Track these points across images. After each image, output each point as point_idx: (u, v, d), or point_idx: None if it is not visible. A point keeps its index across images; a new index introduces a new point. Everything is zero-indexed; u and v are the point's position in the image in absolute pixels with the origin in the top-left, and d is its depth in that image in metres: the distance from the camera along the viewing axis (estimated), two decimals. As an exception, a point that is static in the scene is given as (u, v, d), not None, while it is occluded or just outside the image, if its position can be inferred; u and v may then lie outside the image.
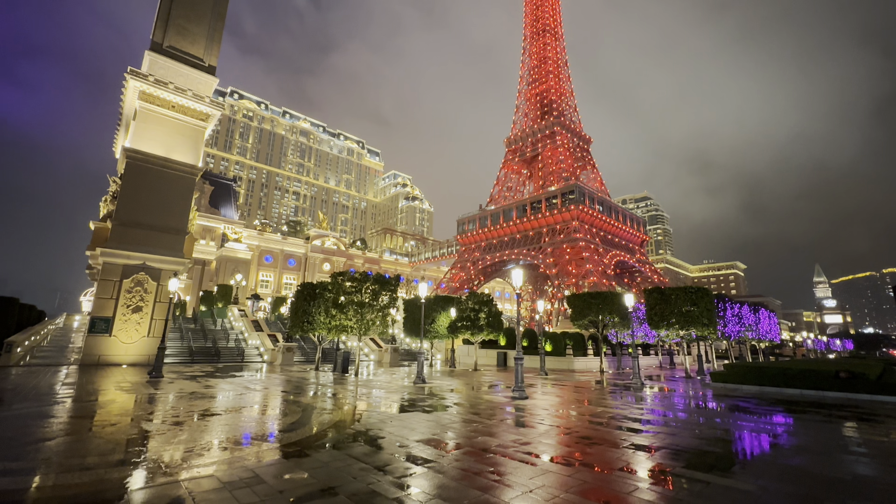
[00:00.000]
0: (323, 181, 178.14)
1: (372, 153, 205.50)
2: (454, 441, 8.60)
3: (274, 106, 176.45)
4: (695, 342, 29.13)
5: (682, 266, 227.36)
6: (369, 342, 36.82)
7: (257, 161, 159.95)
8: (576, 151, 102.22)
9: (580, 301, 28.07)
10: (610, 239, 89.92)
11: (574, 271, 76.50)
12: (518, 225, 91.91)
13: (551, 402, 14.38)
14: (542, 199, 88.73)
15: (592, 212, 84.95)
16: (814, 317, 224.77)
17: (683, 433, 9.96)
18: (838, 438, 9.59)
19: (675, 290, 25.17)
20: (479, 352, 36.50)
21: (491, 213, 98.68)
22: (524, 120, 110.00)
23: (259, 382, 18.52)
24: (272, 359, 30.72)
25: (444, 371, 27.95)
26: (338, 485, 5.77)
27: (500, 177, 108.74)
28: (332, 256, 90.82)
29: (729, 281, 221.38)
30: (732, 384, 19.71)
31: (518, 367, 14.97)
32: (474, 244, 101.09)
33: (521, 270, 15.35)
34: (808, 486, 6.16)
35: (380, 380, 21.15)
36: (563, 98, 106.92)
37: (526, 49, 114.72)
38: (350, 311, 20.76)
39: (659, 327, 25.33)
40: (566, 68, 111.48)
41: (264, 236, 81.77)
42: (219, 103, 31.88)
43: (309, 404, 13.00)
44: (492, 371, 28.84)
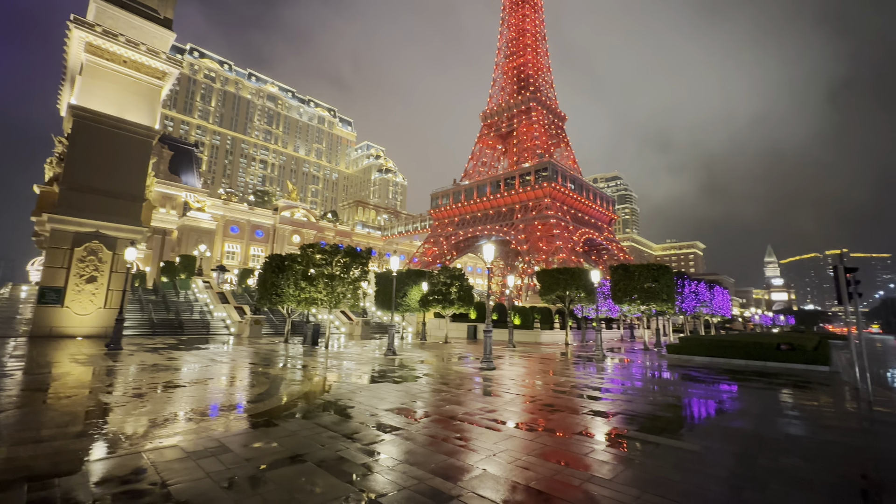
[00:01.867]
0: (292, 150, 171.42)
1: (344, 122, 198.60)
2: (423, 410, 8.82)
3: (239, 67, 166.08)
4: (654, 317, 30.74)
5: (646, 245, 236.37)
6: (340, 315, 36.67)
7: (221, 126, 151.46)
8: (551, 128, 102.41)
9: (549, 277, 28.82)
10: (580, 217, 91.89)
11: (545, 248, 78.09)
12: (491, 200, 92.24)
13: (518, 373, 14.91)
14: (516, 176, 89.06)
15: (565, 190, 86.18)
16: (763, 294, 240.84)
17: (638, 400, 10.61)
18: (775, 403, 10.48)
19: (639, 267, 26.23)
20: (450, 325, 37.12)
21: (465, 187, 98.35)
22: (501, 94, 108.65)
23: (226, 355, 18.20)
24: (239, 331, 30.15)
25: (415, 344, 28.33)
26: (306, 452, 5.83)
27: (475, 151, 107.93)
28: (302, 228, 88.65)
29: (689, 259, 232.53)
30: (686, 355, 21.03)
31: (487, 339, 15.36)
32: (448, 219, 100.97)
33: (492, 246, 15.53)
34: (746, 445, 6.75)
35: (350, 352, 21.23)
36: (540, 73, 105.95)
37: (504, 20, 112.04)
38: (320, 283, 20.48)
39: (622, 302, 26.48)
40: (544, 42, 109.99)
41: (230, 206, 78.57)
42: (177, 60, 29.65)
43: (278, 376, 12.93)
44: (462, 344, 29.48)
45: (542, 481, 5.04)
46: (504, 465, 5.53)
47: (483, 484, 4.92)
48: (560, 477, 5.17)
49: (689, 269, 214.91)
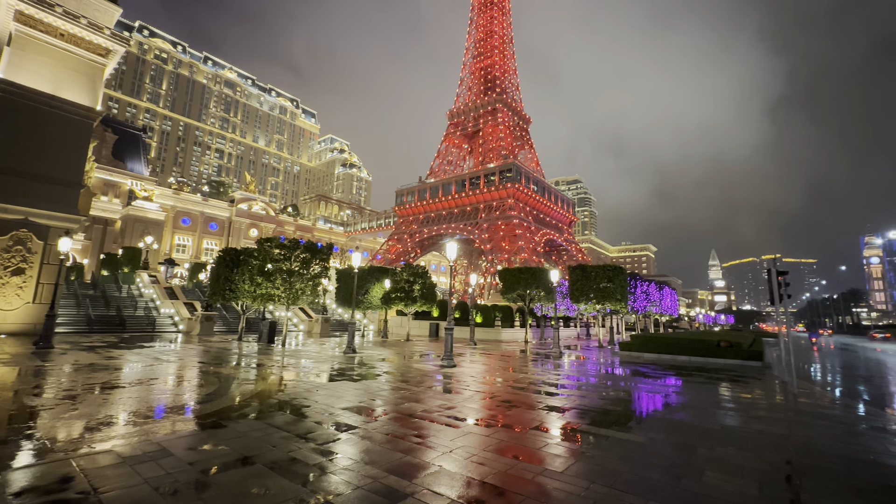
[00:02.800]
0: (251, 140, 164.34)
1: (308, 114, 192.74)
2: (381, 408, 8.72)
3: (194, 50, 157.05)
4: (609, 315, 32.08)
5: (603, 246, 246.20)
6: (299, 312, 35.62)
7: (173, 111, 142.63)
8: (515, 130, 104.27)
9: (510, 276, 29.37)
10: (542, 218, 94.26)
11: (507, 247, 79.49)
12: (456, 199, 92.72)
13: (478, 370, 15.08)
14: (481, 176, 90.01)
15: (528, 191, 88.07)
16: (707, 295, 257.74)
17: (591, 395, 11.03)
18: (714, 397, 11.23)
19: (595, 268, 27.27)
20: (412, 323, 36.99)
21: (430, 185, 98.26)
22: (468, 94, 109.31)
23: (173, 353, 17.19)
24: (189, 329, 28.57)
25: (376, 341, 28.01)
26: (256, 454, 5.60)
27: (441, 150, 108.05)
28: (260, 222, 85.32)
29: (642, 261, 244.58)
30: (636, 352, 22.10)
31: (448, 337, 15.43)
32: (412, 216, 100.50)
33: (455, 244, 15.61)
34: (687, 436, 7.18)
35: (309, 350, 20.66)
36: (506, 76, 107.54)
37: (473, 20, 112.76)
38: (278, 279, 19.77)
39: (579, 301, 27.43)
40: (511, 45, 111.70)
41: (181, 196, 74.26)
42: (123, 37, 27.55)
43: (230, 375, 12.36)
44: (424, 341, 29.45)
45: (497, 476, 5.12)
46: (460, 462, 5.57)
47: (438, 481, 4.93)
48: (514, 471, 5.28)
49: (642, 271, 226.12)
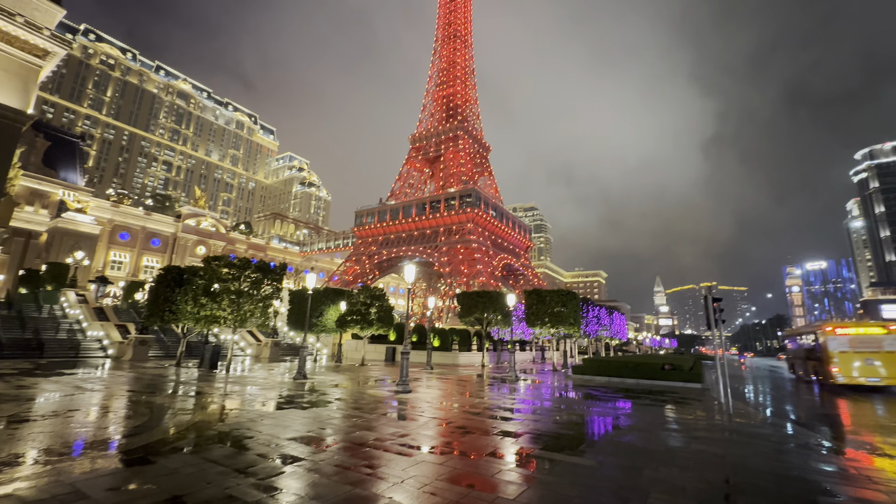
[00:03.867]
0: (203, 153, 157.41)
1: (266, 130, 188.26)
2: (331, 437, 8.32)
3: (146, 58, 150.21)
4: (563, 339, 32.91)
5: (558, 272, 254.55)
6: (247, 335, 33.70)
7: (117, 119, 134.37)
8: (476, 157, 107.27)
9: (468, 299, 29.54)
10: (500, 243, 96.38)
11: (466, 271, 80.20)
12: (417, 222, 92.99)
13: (434, 395, 14.84)
14: (442, 200, 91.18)
15: (487, 216, 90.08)
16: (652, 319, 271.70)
17: (545, 419, 11.14)
18: (660, 418, 11.69)
19: (550, 292, 28.07)
20: (368, 347, 36.01)
21: (391, 207, 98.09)
22: (430, 120, 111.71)
23: (99, 381, 15.59)
24: (120, 353, 26.12)
25: (329, 366, 26.92)
26: (188, 492, 5.12)
27: (403, 173, 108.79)
28: (209, 239, 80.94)
29: (594, 286, 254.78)
30: (588, 376, 22.71)
31: (404, 361, 15.13)
32: (371, 238, 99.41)
33: (413, 267, 15.55)
34: (634, 458, 7.39)
35: (255, 376, 19.47)
36: (468, 104, 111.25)
37: (437, 51, 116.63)
38: (225, 300, 18.65)
39: (535, 325, 27.97)
40: (473, 76, 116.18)
41: (120, 209, 69.21)
42: (65, 39, 25.89)
43: (163, 405, 11.35)
44: (379, 366, 28.67)
45: (449, 506, 4.98)
46: (412, 492, 5.38)
47: (388, 514, 4.72)
48: (467, 500, 5.17)
49: (594, 296, 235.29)
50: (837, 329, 19.05)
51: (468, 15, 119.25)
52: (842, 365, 19.29)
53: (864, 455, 8.31)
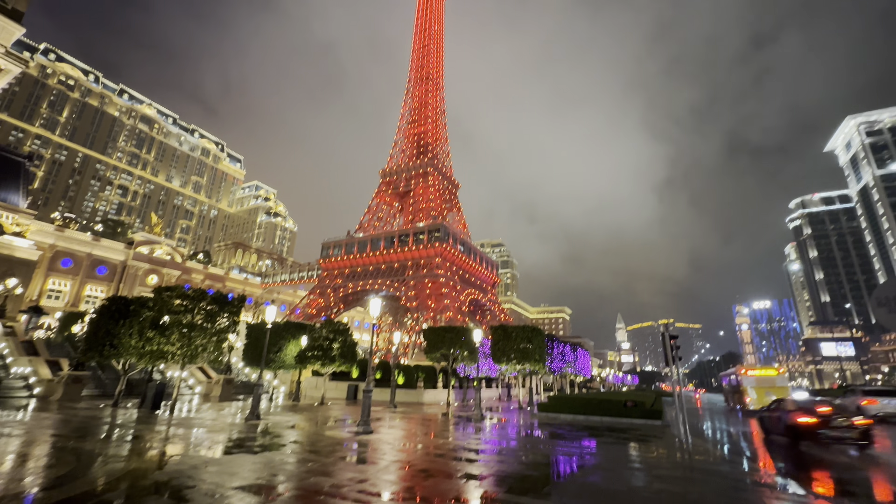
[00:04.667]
0: (163, 179, 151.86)
1: (233, 159, 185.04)
2: (284, 485, 7.73)
3: (110, 81, 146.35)
4: (529, 376, 32.83)
5: (524, 307, 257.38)
6: (196, 372, 31.47)
7: (72, 140, 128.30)
8: (445, 194, 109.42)
9: (435, 334, 29.14)
10: (467, 278, 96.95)
11: (433, 306, 79.59)
12: (385, 255, 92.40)
13: (396, 436, 14.23)
14: (411, 234, 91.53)
15: (455, 251, 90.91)
16: (615, 356, 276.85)
17: (510, 460, 10.88)
18: (623, 457, 11.69)
19: (516, 328, 28.21)
20: (329, 384, 34.43)
21: (359, 240, 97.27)
22: (401, 156, 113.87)
23: (18, 425, 13.94)
24: (49, 392, 23.60)
25: (286, 405, 25.40)
26: (114, 553, 4.55)
27: (372, 206, 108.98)
28: (163, 268, 76.70)
29: (559, 323, 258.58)
30: (553, 413, 22.59)
31: (366, 400, 14.53)
32: (338, 270, 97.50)
33: (379, 300, 15.28)
34: (598, 499, 7.29)
35: (203, 417, 18.02)
36: (438, 143, 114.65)
37: (409, 90, 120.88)
38: (174, 333, 17.44)
39: (501, 361, 27.81)
40: (443, 116, 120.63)
41: (66, 234, 64.78)
42: (21, 58, 24.89)
43: (94, 451, 10.23)
44: (340, 405, 27.36)
45: (408, 559, 4.68)
46: (369, 544, 5.03)
47: (342, 570, 4.36)
48: (427, 551, 4.88)
49: (559, 332, 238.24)
50: (748, 371, 23.77)
51: (440, 60, 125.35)
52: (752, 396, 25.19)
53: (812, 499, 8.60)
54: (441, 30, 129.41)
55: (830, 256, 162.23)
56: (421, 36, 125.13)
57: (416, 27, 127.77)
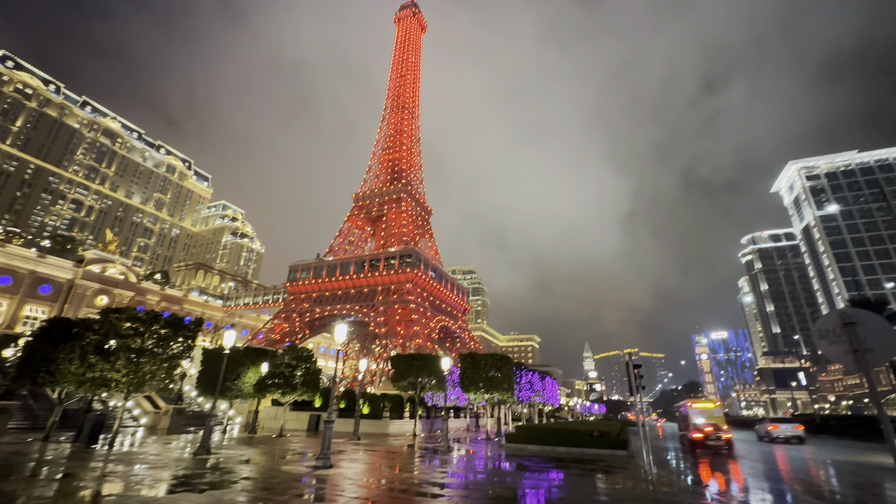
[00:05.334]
0: (122, 195, 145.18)
1: (200, 177, 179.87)
2: (230, 527, 7.13)
3: (71, 91, 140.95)
4: (497, 405, 32.41)
5: (494, 335, 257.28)
6: (143, 401, 29.23)
7: (24, 151, 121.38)
8: (417, 219, 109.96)
9: (403, 362, 28.47)
10: (438, 304, 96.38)
11: (402, 332, 78.24)
12: (355, 280, 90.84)
13: (358, 471, 13.55)
14: (382, 258, 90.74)
15: (426, 277, 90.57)
16: (583, 385, 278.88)
17: (476, 495, 10.53)
18: (589, 489, 11.56)
19: (485, 356, 28.02)
20: (290, 414, 32.71)
21: (328, 263, 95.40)
22: (375, 181, 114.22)
23: (-74, 462, 12.36)
24: (-33, 425, 21.16)
25: (241, 438, 23.83)
26: None
27: (344, 230, 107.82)
28: (115, 288, 72.23)
29: (528, 351, 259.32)
30: (521, 444, 22.24)
31: (327, 431, 13.83)
32: (305, 294, 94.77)
33: (345, 326, 14.84)
34: (564, 535, 7.11)
35: (146, 451, 16.60)
36: (412, 169, 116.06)
37: (385, 118, 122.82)
38: (120, 359, 16.19)
39: (469, 390, 27.37)
40: (418, 144, 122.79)
41: (6, 249, 60.18)
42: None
43: (14, 492, 9.15)
44: (300, 437, 25.95)
45: None
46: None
47: None
48: None
49: (528, 360, 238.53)
50: (693, 404, 27.29)
51: (416, 90, 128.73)
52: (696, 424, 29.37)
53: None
54: (418, 61, 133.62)
55: (779, 290, 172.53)
56: (398, 66, 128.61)
57: (393, 58, 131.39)
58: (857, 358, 5.05)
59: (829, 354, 5.33)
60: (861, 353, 5.03)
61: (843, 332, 5.19)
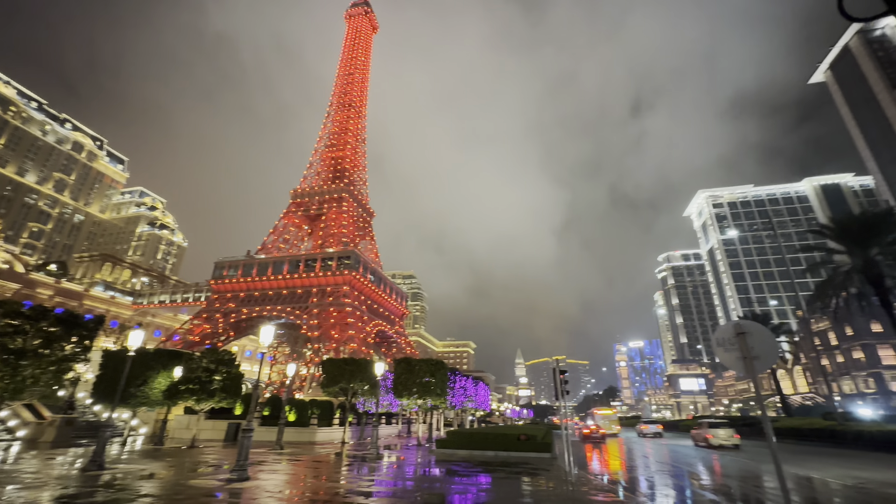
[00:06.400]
0: (13, 171, 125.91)
1: (114, 159, 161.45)
2: (120, 551, 6.30)
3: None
4: (430, 411, 32.37)
5: (431, 341, 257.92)
6: (23, 410, 25.29)
7: None
8: (359, 221, 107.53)
9: (335, 367, 27.44)
10: (375, 308, 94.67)
11: (337, 336, 75.70)
12: (288, 280, 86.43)
13: (278, 482, 12.74)
14: (319, 259, 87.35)
15: (365, 280, 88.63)
16: (514, 390, 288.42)
17: (403, 502, 10.35)
18: (514, 492, 11.86)
19: (420, 361, 27.90)
20: (205, 423, 30.06)
21: (260, 261, 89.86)
22: (315, 178, 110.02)
23: None
24: None
25: (145, 450, 21.43)
26: None
27: (279, 227, 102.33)
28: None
29: (463, 357, 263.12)
30: (451, 449, 22.36)
31: (245, 441, 12.85)
32: (231, 293, 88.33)
33: (272, 328, 13.95)
34: (487, 539, 7.20)
35: (21, 469, 14.29)
36: (356, 170, 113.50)
37: (330, 114, 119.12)
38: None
39: (402, 396, 27.05)
40: (363, 145, 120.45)
41: None
42: None
43: None
44: (217, 448, 23.93)
45: None
46: None
47: None
48: None
49: (463, 366, 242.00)
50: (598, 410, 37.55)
51: (364, 89, 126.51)
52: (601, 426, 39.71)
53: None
54: (367, 61, 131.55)
55: (687, 304, 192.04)
56: (347, 64, 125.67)
57: (342, 55, 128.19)
58: (746, 364, 5.70)
59: (724, 361, 5.95)
60: (749, 360, 5.67)
61: (736, 341, 5.83)
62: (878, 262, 34.60)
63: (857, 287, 37.52)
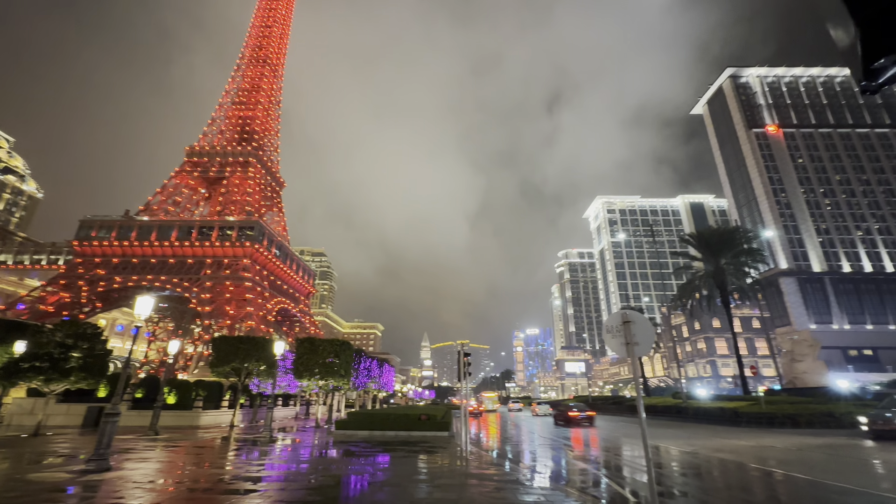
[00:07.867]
0: None
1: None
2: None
3: None
4: (332, 392, 31.53)
5: (338, 321, 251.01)
6: None
7: None
8: (266, 190, 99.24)
9: (227, 345, 25.16)
10: (279, 285, 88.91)
11: (232, 313, 69.63)
12: (177, 248, 76.74)
13: (149, 471, 11.33)
14: (216, 227, 78.91)
15: (269, 254, 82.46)
16: (418, 372, 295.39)
17: (296, 486, 9.90)
18: (411, 470, 12.09)
19: (324, 341, 26.92)
20: (56, 407, 25.59)
21: (141, 223, 78.25)
22: (218, 137, 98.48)
23: None
24: None
25: (-35, 441, 17.53)
26: None
27: (169, 186, 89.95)
28: None
29: (370, 338, 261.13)
30: (351, 430, 22.09)
31: (107, 426, 11.11)
32: (102, 258, 75.78)
33: (150, 299, 12.16)
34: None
35: None
36: (267, 134, 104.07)
37: (240, 67, 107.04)
38: None
39: (303, 377, 25.89)
40: (278, 108, 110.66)
41: None
42: None
43: None
44: (72, 434, 20.54)
45: None
46: None
47: None
48: None
49: (369, 348, 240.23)
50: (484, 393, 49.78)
51: (283, 46, 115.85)
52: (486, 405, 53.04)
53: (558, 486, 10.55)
54: (289, 14, 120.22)
55: (578, 297, 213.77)
56: (264, 15, 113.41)
57: (259, 3, 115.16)
58: (629, 349, 6.41)
59: (611, 346, 6.64)
60: (631, 346, 6.39)
61: (622, 329, 6.52)
62: (724, 269, 41.91)
63: (708, 290, 45.26)
